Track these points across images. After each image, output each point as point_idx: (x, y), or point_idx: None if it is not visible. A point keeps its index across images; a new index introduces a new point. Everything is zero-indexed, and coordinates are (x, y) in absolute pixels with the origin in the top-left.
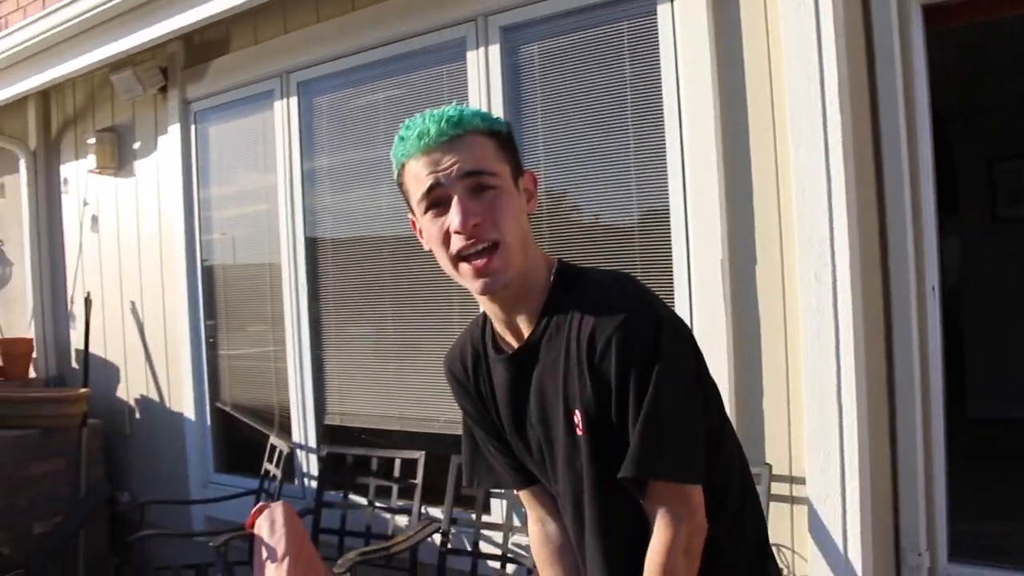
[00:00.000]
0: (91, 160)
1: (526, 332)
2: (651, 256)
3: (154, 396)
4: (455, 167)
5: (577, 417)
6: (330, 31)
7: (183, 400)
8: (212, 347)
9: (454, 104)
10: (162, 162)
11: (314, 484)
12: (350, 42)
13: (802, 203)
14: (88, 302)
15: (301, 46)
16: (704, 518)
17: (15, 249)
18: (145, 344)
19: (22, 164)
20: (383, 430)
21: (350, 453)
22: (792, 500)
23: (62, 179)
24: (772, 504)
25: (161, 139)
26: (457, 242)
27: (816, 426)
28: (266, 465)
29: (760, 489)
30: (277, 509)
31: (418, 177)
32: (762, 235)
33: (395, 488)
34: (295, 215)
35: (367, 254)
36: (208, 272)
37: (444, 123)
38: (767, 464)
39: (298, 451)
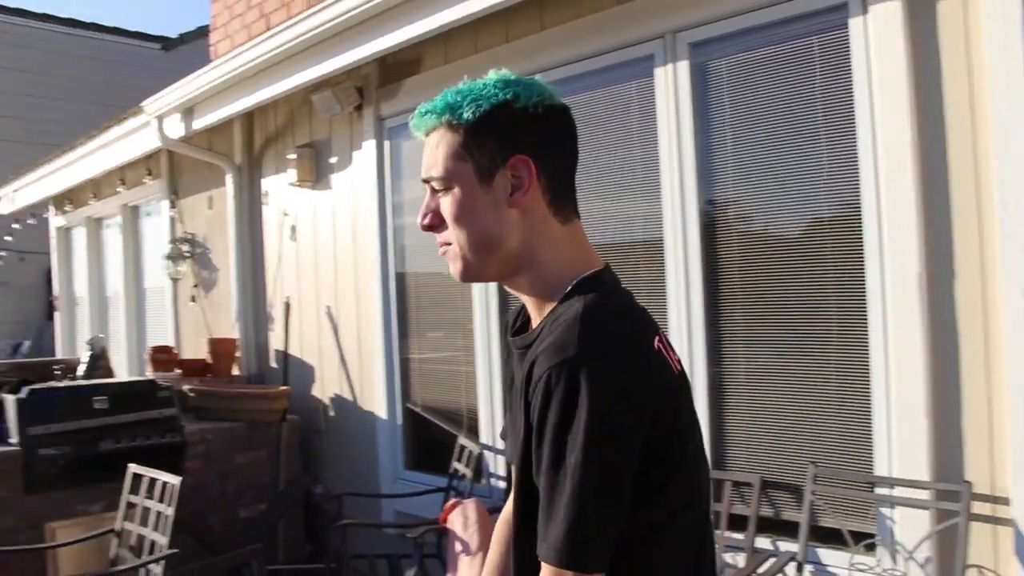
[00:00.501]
0: (291, 174)
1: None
2: (843, 271)
3: (347, 395)
4: (423, 168)
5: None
6: (519, 50)
7: (375, 400)
8: (403, 350)
9: (468, 84)
10: (357, 175)
11: (501, 484)
12: (538, 60)
13: (1005, 217)
14: (287, 306)
15: (490, 65)
16: None
17: (220, 256)
18: (339, 346)
19: (229, 178)
20: None
21: None
22: (995, 521)
23: (263, 192)
24: (973, 524)
25: (356, 154)
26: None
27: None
28: (454, 464)
29: (958, 507)
30: (470, 506)
31: None
32: (961, 249)
33: None
34: None
35: None
36: (400, 279)
37: (416, 114)
38: (966, 482)
39: (486, 452)
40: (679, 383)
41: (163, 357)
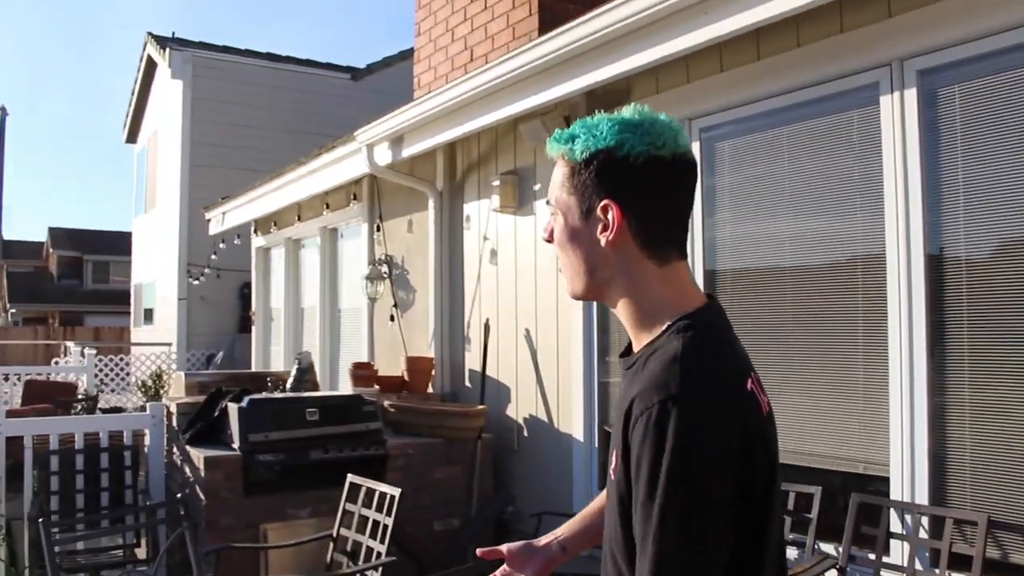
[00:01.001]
0: (494, 200)
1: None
2: None
3: (543, 417)
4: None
5: (614, 457)
6: (733, 79)
7: (572, 422)
8: (602, 374)
9: (593, 118)
10: None
11: None
12: (754, 89)
13: None
14: (487, 328)
15: (703, 94)
16: None
17: (419, 278)
18: (537, 368)
19: (431, 203)
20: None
21: None
22: None
23: (465, 216)
24: None
25: None
26: None
27: None
28: None
29: None
30: None
31: None
32: None
33: (788, 521)
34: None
35: (767, 288)
36: (602, 304)
37: (550, 142)
38: None
39: None
40: (768, 423)
41: (363, 373)
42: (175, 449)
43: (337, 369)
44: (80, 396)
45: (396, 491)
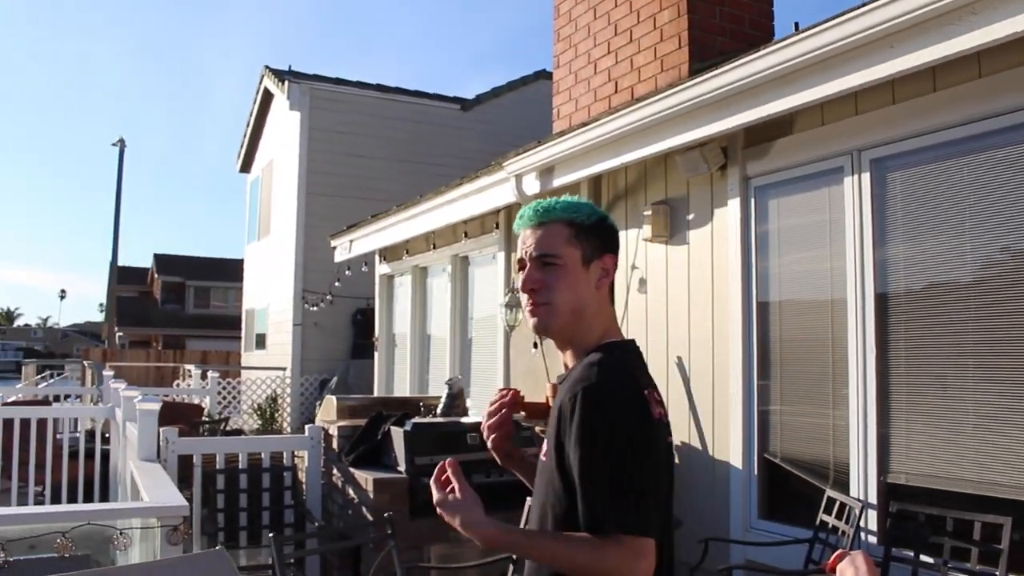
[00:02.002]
0: (645, 229)
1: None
2: None
3: (695, 443)
4: (531, 248)
5: (546, 445)
6: (909, 111)
7: (728, 449)
8: (762, 401)
9: (571, 198)
10: (717, 233)
11: (871, 539)
12: (930, 120)
13: None
14: None
15: (873, 125)
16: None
17: None
18: (690, 396)
19: None
20: (954, 492)
21: (923, 512)
22: None
23: None
24: None
25: (717, 211)
26: (523, 295)
27: None
28: (822, 516)
29: None
30: (859, 557)
31: (518, 246)
32: None
33: (974, 552)
34: (864, 274)
35: (944, 312)
36: (762, 332)
37: (534, 212)
38: None
39: (854, 504)
40: (662, 424)
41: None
42: (334, 470)
43: (469, 395)
44: (204, 419)
45: None
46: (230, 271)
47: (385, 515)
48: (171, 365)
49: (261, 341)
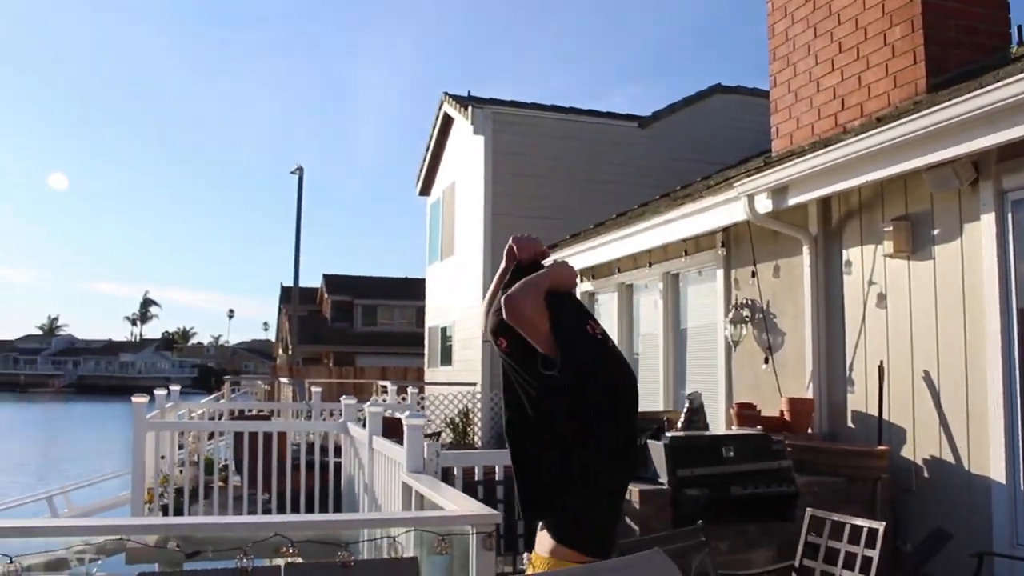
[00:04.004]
0: (886, 246)
1: None
2: None
3: (947, 458)
4: None
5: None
6: None
7: (988, 463)
8: None
9: None
10: (968, 247)
11: None
12: None
13: None
14: (880, 370)
15: None
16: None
17: (787, 321)
18: (940, 410)
19: (805, 248)
20: None
21: None
22: None
23: (844, 261)
24: None
25: (967, 226)
26: None
27: None
28: None
29: None
30: None
31: None
32: None
33: None
34: None
35: None
36: None
37: None
38: None
39: None
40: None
41: (748, 413)
42: None
43: (680, 410)
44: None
45: (879, 524)
46: (396, 290)
47: (699, 522)
48: (351, 381)
49: (447, 357)
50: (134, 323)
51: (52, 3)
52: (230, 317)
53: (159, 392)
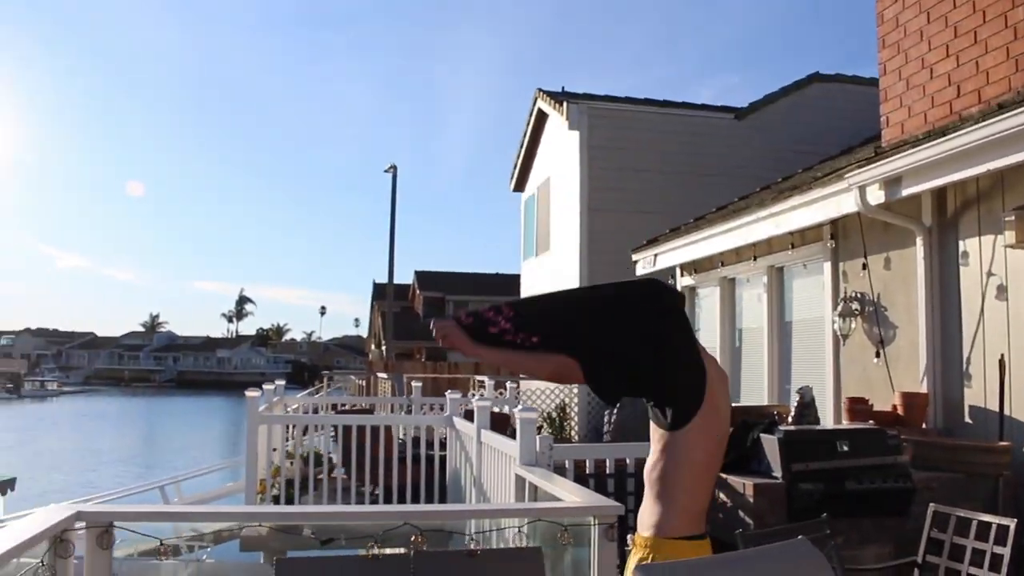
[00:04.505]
0: (1007, 236)
1: None
2: None
3: None
4: None
5: None
6: None
7: None
8: None
9: None
10: None
11: None
12: None
13: None
14: (1002, 364)
15: None
16: None
17: (899, 314)
18: None
19: (919, 240)
20: None
21: None
22: None
23: (960, 252)
24: None
25: None
26: None
27: None
28: None
29: None
30: None
31: None
32: None
33: None
34: None
35: None
36: None
37: None
38: None
39: None
40: None
41: (860, 408)
42: None
43: (786, 404)
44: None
45: (1010, 521)
46: (487, 285)
47: (823, 515)
48: (446, 376)
49: None
50: (230, 320)
51: (153, 21)
52: (322, 314)
53: (267, 387)
